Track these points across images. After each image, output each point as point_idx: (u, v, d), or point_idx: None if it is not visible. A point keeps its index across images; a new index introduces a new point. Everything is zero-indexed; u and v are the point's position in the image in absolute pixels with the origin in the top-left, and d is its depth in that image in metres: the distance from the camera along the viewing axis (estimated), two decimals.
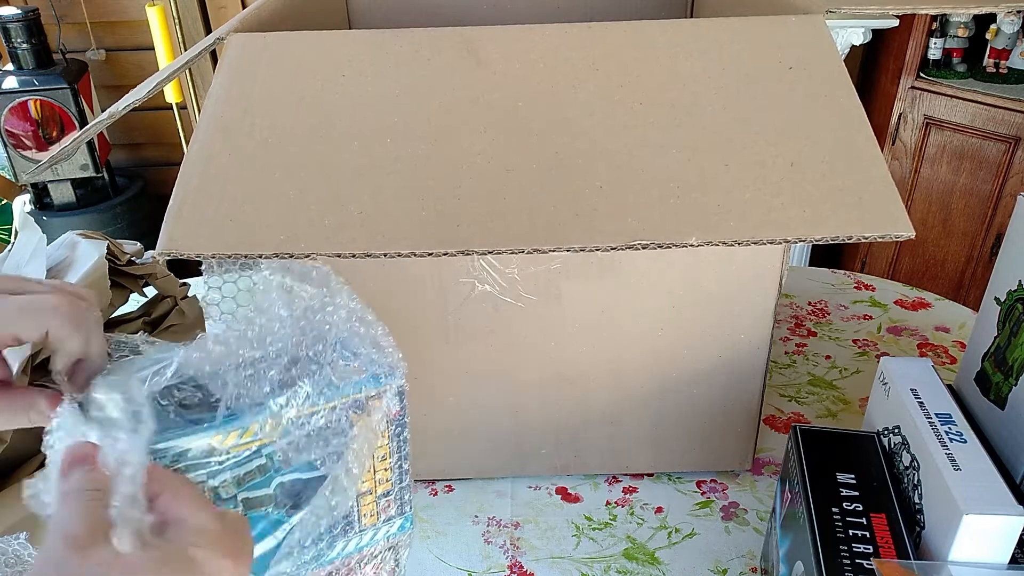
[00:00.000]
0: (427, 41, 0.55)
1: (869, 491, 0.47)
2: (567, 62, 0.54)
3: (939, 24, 1.71)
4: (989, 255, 1.73)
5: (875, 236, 0.44)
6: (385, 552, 0.46)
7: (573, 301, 0.58)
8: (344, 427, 0.41)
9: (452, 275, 0.56)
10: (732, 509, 0.65)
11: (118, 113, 0.51)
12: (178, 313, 0.71)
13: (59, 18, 1.89)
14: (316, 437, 0.40)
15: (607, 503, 0.66)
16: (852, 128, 0.49)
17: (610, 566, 0.60)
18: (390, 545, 0.47)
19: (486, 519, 0.64)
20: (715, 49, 0.54)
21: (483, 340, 0.60)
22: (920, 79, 1.74)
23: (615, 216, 0.46)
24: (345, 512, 0.42)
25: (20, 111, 1.76)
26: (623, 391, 0.62)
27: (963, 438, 0.46)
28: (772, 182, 0.47)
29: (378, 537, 0.45)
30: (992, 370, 0.51)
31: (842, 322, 0.89)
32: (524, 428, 0.64)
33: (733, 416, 0.64)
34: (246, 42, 0.56)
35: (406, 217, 0.46)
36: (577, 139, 0.50)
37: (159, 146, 2.07)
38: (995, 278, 0.52)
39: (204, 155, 0.49)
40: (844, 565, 0.42)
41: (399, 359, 0.44)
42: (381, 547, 0.46)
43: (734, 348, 0.60)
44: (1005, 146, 1.64)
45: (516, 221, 0.45)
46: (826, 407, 0.76)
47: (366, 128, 0.50)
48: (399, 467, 0.46)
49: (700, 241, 0.44)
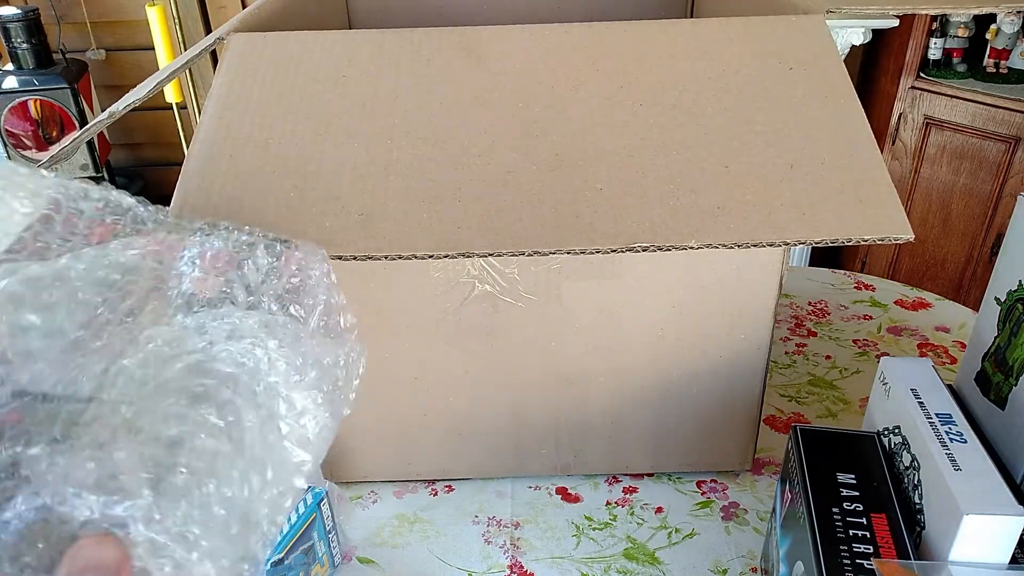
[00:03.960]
0: (427, 41, 0.55)
1: (869, 491, 0.47)
2: (567, 62, 0.54)
3: (939, 24, 1.71)
4: (989, 255, 1.73)
5: (874, 239, 0.44)
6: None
7: (573, 301, 0.58)
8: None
9: (452, 275, 0.57)
10: (732, 509, 0.65)
11: (118, 113, 0.51)
12: None
13: (59, 18, 1.89)
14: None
15: (607, 503, 0.66)
16: (852, 130, 0.49)
17: (610, 566, 0.60)
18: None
19: (486, 519, 0.64)
20: (715, 49, 0.54)
21: (483, 340, 0.60)
22: (920, 79, 1.74)
23: (615, 218, 0.46)
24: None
25: (20, 111, 1.76)
26: (623, 391, 0.62)
27: (963, 438, 0.46)
28: (772, 184, 0.47)
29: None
30: (992, 370, 0.51)
31: (842, 322, 0.89)
32: (524, 428, 0.64)
33: (733, 416, 0.64)
34: (246, 42, 0.56)
35: (406, 219, 0.46)
36: (577, 140, 0.50)
37: (159, 146, 2.07)
38: (995, 278, 0.52)
39: (205, 156, 0.49)
40: (844, 565, 0.42)
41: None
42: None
43: (734, 348, 0.60)
44: (1005, 146, 1.64)
45: (516, 222, 0.45)
46: (826, 407, 0.76)
47: (366, 128, 0.50)
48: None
49: (700, 243, 0.44)
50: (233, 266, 0.36)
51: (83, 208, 0.34)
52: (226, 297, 0.35)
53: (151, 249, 0.35)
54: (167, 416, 0.30)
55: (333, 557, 0.59)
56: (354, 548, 0.62)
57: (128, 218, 0.36)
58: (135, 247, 0.34)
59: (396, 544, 0.62)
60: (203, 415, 0.31)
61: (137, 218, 0.36)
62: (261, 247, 0.37)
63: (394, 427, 0.64)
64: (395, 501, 0.66)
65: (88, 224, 0.34)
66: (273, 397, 0.33)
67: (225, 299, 0.35)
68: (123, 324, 0.32)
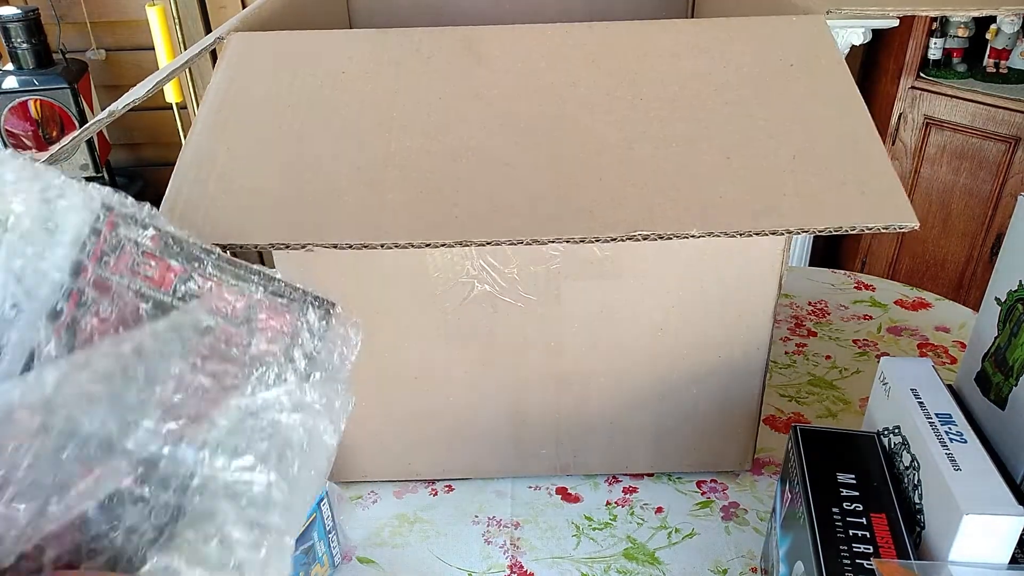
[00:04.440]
0: (427, 39, 0.55)
1: (869, 491, 0.47)
2: (567, 61, 0.54)
3: (939, 24, 1.71)
4: (989, 255, 1.73)
5: (878, 227, 0.44)
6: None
7: (573, 301, 0.58)
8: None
9: (451, 275, 0.56)
10: (732, 509, 0.65)
11: (117, 112, 0.51)
12: None
13: (59, 18, 1.89)
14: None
15: (607, 503, 0.66)
16: (854, 121, 0.49)
17: (610, 566, 0.60)
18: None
19: (486, 519, 0.64)
20: (716, 48, 0.54)
21: (483, 340, 0.60)
22: (920, 79, 1.74)
23: (615, 208, 0.45)
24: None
25: (20, 111, 1.76)
26: (623, 391, 0.62)
27: (963, 438, 0.46)
28: (774, 174, 0.47)
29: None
30: (992, 370, 0.51)
31: (842, 322, 0.89)
32: (524, 428, 0.64)
33: (733, 416, 0.64)
34: (246, 41, 0.56)
35: (404, 210, 0.46)
36: (577, 133, 0.49)
37: (159, 146, 2.07)
38: (995, 278, 0.52)
39: (201, 151, 0.49)
40: (844, 565, 0.42)
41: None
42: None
43: (734, 348, 0.60)
44: (1005, 146, 1.64)
45: (515, 214, 0.45)
46: (826, 407, 0.76)
47: (365, 125, 0.50)
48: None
49: (701, 232, 0.44)
50: (291, 328, 0.37)
51: (139, 240, 0.34)
52: (287, 364, 0.37)
53: (217, 305, 0.35)
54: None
55: (333, 557, 0.59)
56: (354, 548, 0.62)
57: (183, 256, 0.36)
58: (204, 308, 0.35)
59: (396, 544, 0.62)
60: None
61: (191, 256, 0.36)
62: (311, 310, 0.38)
63: (394, 427, 0.64)
64: (395, 501, 0.66)
65: (146, 257, 0.34)
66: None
67: (288, 366, 0.37)
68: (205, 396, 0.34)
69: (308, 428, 0.36)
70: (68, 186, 0.33)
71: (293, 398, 0.36)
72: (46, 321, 0.31)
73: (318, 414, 0.36)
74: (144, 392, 0.31)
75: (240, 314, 0.36)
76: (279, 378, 0.36)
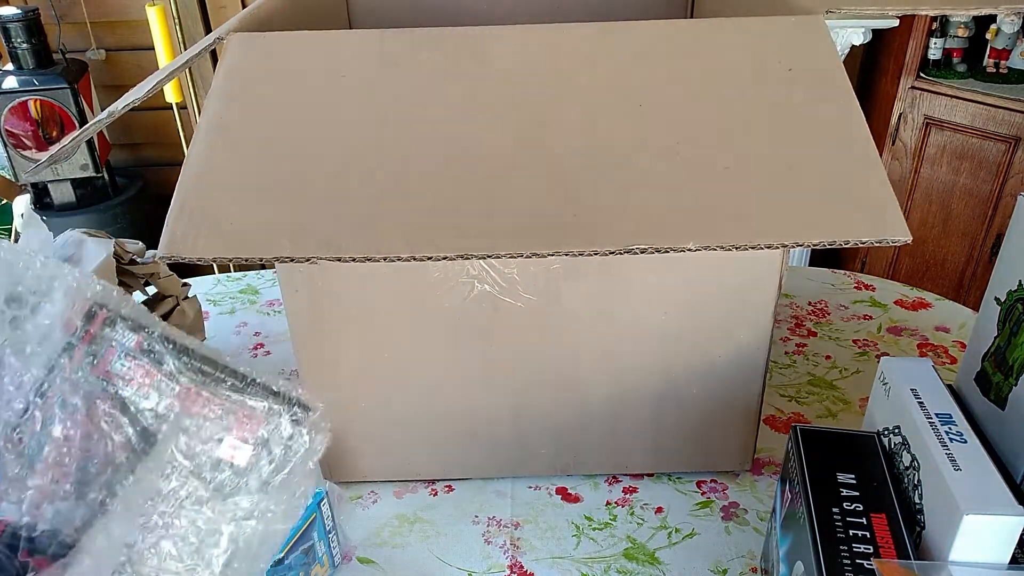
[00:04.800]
0: (427, 41, 0.55)
1: (869, 491, 0.47)
2: (567, 62, 0.54)
3: (939, 24, 1.71)
4: (989, 255, 1.73)
5: (872, 241, 0.45)
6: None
7: (573, 301, 0.58)
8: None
9: (452, 275, 0.57)
10: (732, 509, 0.65)
11: (117, 112, 0.51)
12: (179, 313, 0.71)
13: (59, 18, 1.89)
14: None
15: (607, 503, 0.66)
16: (850, 132, 0.49)
17: (610, 566, 0.60)
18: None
19: (486, 519, 0.64)
20: (715, 50, 0.54)
21: (483, 340, 0.60)
22: (920, 79, 1.74)
23: (614, 219, 0.46)
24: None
25: (20, 111, 1.76)
26: (623, 391, 0.62)
27: (963, 438, 0.46)
28: (770, 186, 0.47)
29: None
30: (992, 370, 0.51)
31: (842, 322, 0.89)
32: (524, 428, 0.64)
33: (733, 416, 0.64)
34: (246, 42, 0.56)
35: (406, 220, 0.46)
36: (576, 141, 0.50)
37: (159, 146, 2.07)
38: (995, 278, 0.52)
39: (205, 156, 0.49)
40: (844, 565, 0.42)
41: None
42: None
43: (734, 348, 0.60)
44: (1005, 146, 1.64)
45: (515, 223, 0.45)
46: (826, 407, 0.76)
47: (366, 128, 0.50)
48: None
49: (698, 245, 0.44)
50: (259, 433, 0.38)
51: (122, 341, 0.36)
52: (254, 466, 0.38)
53: (185, 406, 0.37)
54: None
55: (333, 557, 0.59)
56: (354, 548, 0.62)
57: (155, 359, 0.37)
58: (170, 416, 0.37)
59: (396, 544, 0.62)
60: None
61: (160, 359, 0.37)
62: (286, 417, 0.39)
63: (394, 427, 0.64)
64: (395, 501, 0.66)
65: (124, 360, 0.36)
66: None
67: (253, 469, 0.38)
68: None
69: (259, 532, 0.38)
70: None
71: (251, 505, 0.38)
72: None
73: (271, 519, 0.38)
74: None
75: (210, 432, 0.38)
76: (241, 486, 0.38)
